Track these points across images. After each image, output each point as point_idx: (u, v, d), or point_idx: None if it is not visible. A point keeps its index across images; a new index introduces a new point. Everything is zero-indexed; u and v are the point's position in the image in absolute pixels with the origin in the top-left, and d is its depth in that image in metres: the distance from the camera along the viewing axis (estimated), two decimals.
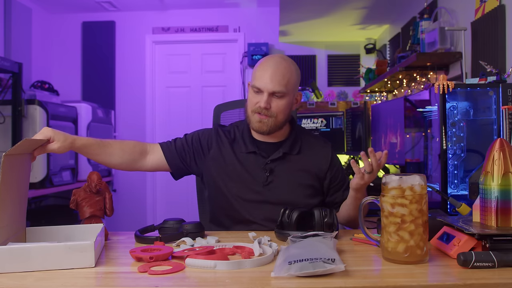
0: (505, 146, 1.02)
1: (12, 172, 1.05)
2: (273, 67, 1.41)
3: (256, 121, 1.44)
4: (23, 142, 1.09)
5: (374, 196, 1.04)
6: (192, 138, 1.54)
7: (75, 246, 0.95)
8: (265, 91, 1.41)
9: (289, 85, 1.42)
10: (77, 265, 0.95)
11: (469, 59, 2.32)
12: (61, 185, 3.27)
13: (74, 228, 1.19)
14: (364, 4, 3.38)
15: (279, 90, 1.40)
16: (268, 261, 0.98)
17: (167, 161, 1.51)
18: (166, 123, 4.63)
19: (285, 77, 1.41)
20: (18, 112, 2.94)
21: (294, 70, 1.45)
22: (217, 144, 1.52)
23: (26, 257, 0.93)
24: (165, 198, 4.53)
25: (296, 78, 1.46)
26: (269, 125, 1.44)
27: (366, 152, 1.27)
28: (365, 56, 4.50)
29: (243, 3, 4.47)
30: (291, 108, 1.48)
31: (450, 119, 1.55)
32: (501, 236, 0.95)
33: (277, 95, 1.42)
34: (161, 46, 4.67)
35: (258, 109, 1.42)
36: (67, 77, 4.61)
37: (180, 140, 1.54)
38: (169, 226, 1.25)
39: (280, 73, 1.41)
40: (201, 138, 1.54)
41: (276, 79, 1.40)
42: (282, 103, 1.42)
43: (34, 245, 0.95)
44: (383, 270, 0.94)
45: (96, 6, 4.43)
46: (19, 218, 1.12)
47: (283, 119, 1.46)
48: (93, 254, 0.96)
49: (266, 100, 1.40)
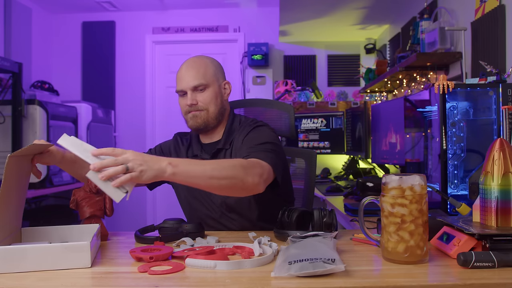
0: (505, 146, 1.02)
1: (15, 173, 1.05)
2: (185, 67, 1.47)
3: (190, 118, 1.47)
4: (31, 146, 1.11)
5: (374, 196, 1.04)
6: (155, 150, 1.61)
7: (72, 246, 0.95)
8: (186, 89, 1.45)
9: (207, 76, 1.46)
10: (73, 265, 0.95)
11: (469, 59, 2.32)
12: (61, 185, 3.27)
13: (69, 228, 1.19)
14: (364, 4, 3.38)
15: (198, 83, 1.44)
16: (268, 261, 0.98)
17: None
18: (166, 123, 4.63)
19: (199, 70, 1.45)
20: (18, 112, 2.94)
21: (209, 62, 1.49)
22: (175, 151, 1.58)
23: (23, 257, 0.93)
24: (165, 198, 4.53)
25: (214, 68, 1.49)
26: (203, 118, 1.46)
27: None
28: (365, 56, 4.50)
29: (243, 3, 4.47)
30: (222, 98, 1.50)
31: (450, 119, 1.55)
32: (501, 236, 0.95)
33: (199, 89, 1.45)
34: (161, 46, 4.67)
35: (188, 109, 1.46)
36: (67, 77, 4.61)
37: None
38: (169, 226, 1.25)
39: (193, 68, 1.46)
40: (163, 149, 1.61)
41: (192, 75, 1.44)
42: (207, 95, 1.46)
43: (30, 245, 0.95)
44: (383, 270, 0.94)
45: (96, 6, 4.43)
46: (16, 219, 1.12)
47: (216, 110, 1.47)
48: (90, 255, 0.96)
49: (190, 98, 1.45)
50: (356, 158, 3.60)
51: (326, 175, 3.73)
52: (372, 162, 2.90)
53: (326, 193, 2.76)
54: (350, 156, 3.66)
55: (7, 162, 0.99)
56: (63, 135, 1.07)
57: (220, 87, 1.50)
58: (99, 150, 1.03)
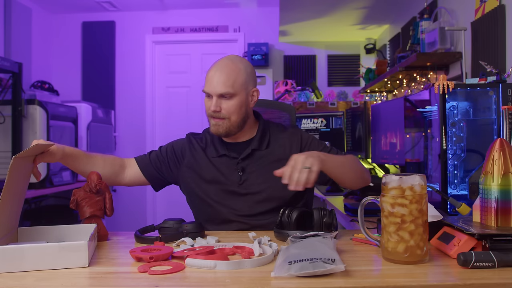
0: (505, 146, 1.02)
1: (17, 174, 1.05)
2: (218, 70, 1.44)
3: (212, 125, 1.47)
4: (35, 146, 1.12)
5: (374, 196, 1.04)
6: (166, 149, 1.58)
7: (69, 246, 0.95)
8: (213, 94, 1.43)
9: (236, 84, 1.43)
10: (70, 265, 0.95)
11: (469, 59, 2.32)
12: (61, 185, 3.27)
13: (66, 228, 1.19)
14: (364, 4, 3.38)
15: (225, 92, 1.42)
16: (268, 261, 0.98)
17: (142, 173, 1.53)
18: (166, 123, 4.64)
19: (230, 78, 1.42)
20: (18, 112, 2.94)
21: (242, 69, 1.45)
22: (190, 152, 1.56)
23: (20, 257, 0.93)
24: (165, 198, 4.53)
25: (245, 77, 1.46)
26: (224, 127, 1.45)
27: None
28: (365, 56, 4.50)
29: (243, 3, 4.47)
30: (246, 107, 1.48)
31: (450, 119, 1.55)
32: (501, 236, 0.95)
33: (225, 97, 1.43)
34: (161, 46, 4.67)
35: (211, 114, 1.45)
36: (67, 77, 4.61)
37: (155, 152, 1.58)
38: (169, 226, 1.25)
39: (224, 74, 1.42)
40: (175, 147, 1.58)
41: (221, 81, 1.42)
42: (232, 104, 1.43)
43: (28, 245, 0.95)
44: (383, 270, 0.94)
45: (96, 6, 4.43)
46: (14, 218, 1.12)
47: (238, 119, 1.46)
48: (87, 254, 0.96)
49: (214, 104, 1.43)
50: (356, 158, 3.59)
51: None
52: (372, 162, 2.90)
53: (326, 193, 2.76)
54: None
55: (11, 164, 1.00)
56: None
57: (247, 95, 1.47)
58: (282, 170, 1.23)
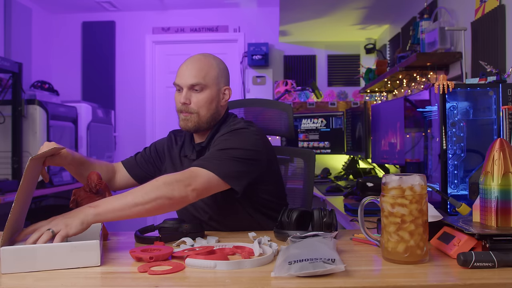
0: (505, 146, 1.02)
1: (30, 175, 1.06)
2: (190, 63, 1.42)
3: (181, 119, 1.44)
4: (51, 149, 1.16)
5: (374, 196, 1.04)
6: (150, 149, 1.59)
7: (81, 245, 0.95)
8: (183, 86, 1.41)
9: (208, 77, 1.40)
10: (82, 264, 0.95)
11: (469, 59, 2.32)
12: (61, 185, 3.27)
13: None
14: (364, 4, 3.38)
15: (196, 82, 1.39)
16: (268, 261, 0.98)
17: (130, 175, 1.53)
18: (166, 123, 4.63)
19: (202, 70, 1.40)
20: (18, 112, 2.94)
21: (215, 64, 1.44)
22: (168, 151, 1.56)
23: (32, 257, 0.92)
24: None
25: (218, 72, 1.43)
26: (193, 122, 1.41)
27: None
28: (365, 56, 4.50)
29: (243, 3, 4.47)
30: (217, 103, 1.44)
31: (450, 119, 1.55)
32: (501, 236, 0.95)
33: (196, 89, 1.40)
34: (161, 46, 4.67)
35: (180, 107, 1.42)
36: (67, 77, 4.61)
37: (140, 154, 1.59)
38: (169, 226, 1.25)
39: (197, 66, 1.40)
40: (157, 146, 1.58)
41: (192, 73, 1.39)
42: (202, 97, 1.40)
43: (40, 245, 0.95)
44: (383, 270, 0.94)
45: (96, 6, 4.43)
46: (21, 219, 1.12)
47: (207, 114, 1.42)
48: (99, 253, 0.96)
49: (184, 96, 1.40)
50: (356, 158, 3.60)
51: (326, 175, 3.73)
52: (372, 162, 2.90)
53: (326, 193, 2.76)
54: (350, 156, 3.66)
55: (28, 165, 1.00)
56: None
57: (218, 92, 1.44)
58: (23, 232, 1.02)
